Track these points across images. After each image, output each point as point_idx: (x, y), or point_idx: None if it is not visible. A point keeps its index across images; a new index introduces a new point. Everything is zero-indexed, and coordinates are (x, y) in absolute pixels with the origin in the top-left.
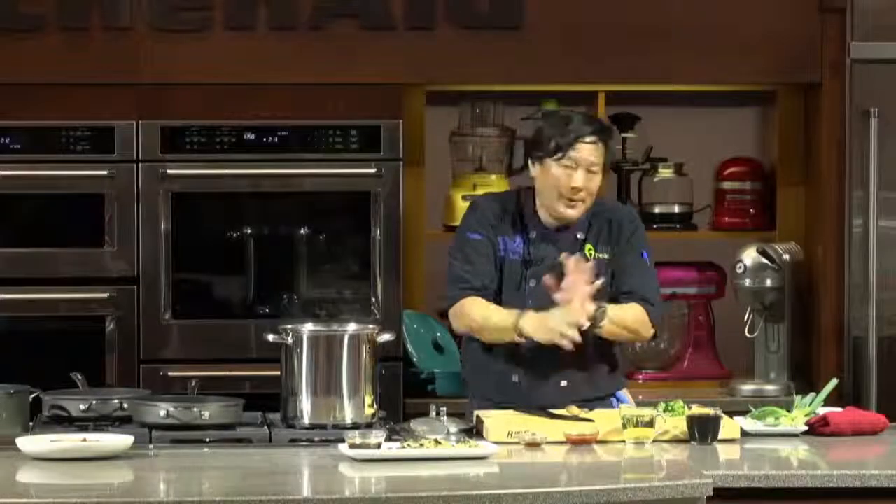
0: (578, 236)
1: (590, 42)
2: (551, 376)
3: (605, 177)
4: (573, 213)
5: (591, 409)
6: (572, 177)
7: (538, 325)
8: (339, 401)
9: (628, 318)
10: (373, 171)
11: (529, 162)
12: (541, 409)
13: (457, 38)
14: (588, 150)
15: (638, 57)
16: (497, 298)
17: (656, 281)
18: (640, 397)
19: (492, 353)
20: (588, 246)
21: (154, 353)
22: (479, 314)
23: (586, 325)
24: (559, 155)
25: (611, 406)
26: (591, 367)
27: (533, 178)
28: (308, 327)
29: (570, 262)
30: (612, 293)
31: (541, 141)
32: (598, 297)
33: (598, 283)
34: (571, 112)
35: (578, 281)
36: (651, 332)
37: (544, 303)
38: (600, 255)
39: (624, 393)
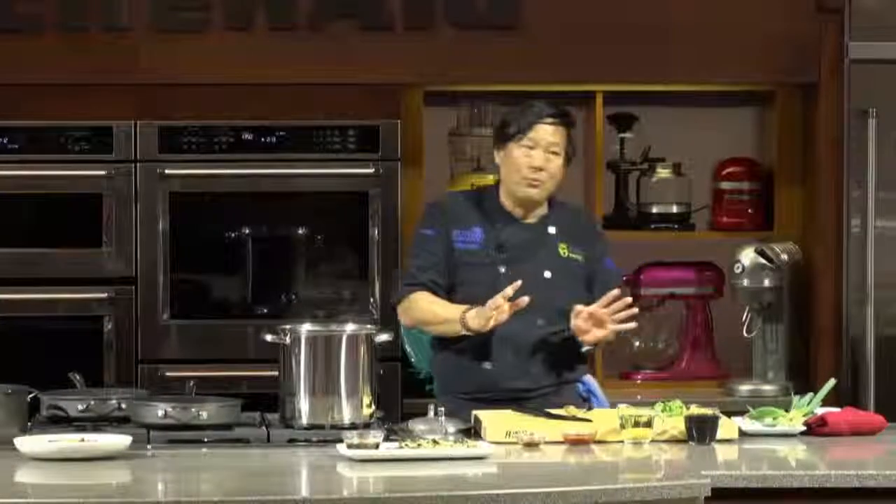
0: (550, 230)
1: (588, 42)
2: (520, 363)
3: (566, 165)
4: (534, 192)
5: (558, 394)
6: (531, 156)
7: (482, 320)
8: (337, 401)
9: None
10: (371, 171)
11: (496, 152)
12: (511, 399)
13: (455, 39)
14: (547, 131)
15: (636, 57)
16: (451, 292)
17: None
18: (639, 397)
19: (464, 345)
20: (562, 245)
21: (152, 353)
22: (428, 308)
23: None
24: (519, 136)
25: (577, 391)
26: (558, 355)
27: (499, 167)
28: (306, 327)
29: (611, 296)
30: (588, 298)
31: (503, 127)
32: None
33: (630, 326)
34: (535, 100)
35: (605, 316)
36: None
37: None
38: (574, 256)
39: (590, 378)
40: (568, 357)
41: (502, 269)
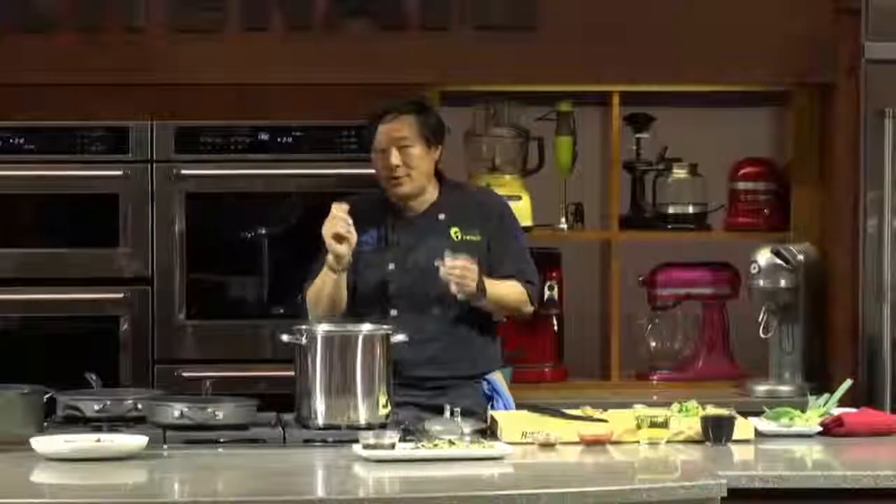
0: (440, 218)
1: (604, 42)
2: (419, 352)
3: (432, 148)
4: (400, 190)
5: (461, 390)
6: (386, 159)
7: (330, 252)
8: (353, 401)
9: (510, 296)
10: None
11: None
12: (413, 386)
13: (472, 39)
14: (390, 129)
15: (652, 57)
16: (360, 290)
17: (532, 261)
18: (655, 398)
19: None
20: (454, 229)
21: (168, 353)
22: (311, 291)
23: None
24: (372, 145)
25: (482, 389)
26: (460, 342)
27: None
28: (322, 328)
29: (444, 263)
30: (489, 274)
31: (365, 143)
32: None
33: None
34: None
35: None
36: (530, 309)
37: (405, 283)
38: (470, 238)
39: (497, 377)
40: (471, 345)
41: (391, 266)
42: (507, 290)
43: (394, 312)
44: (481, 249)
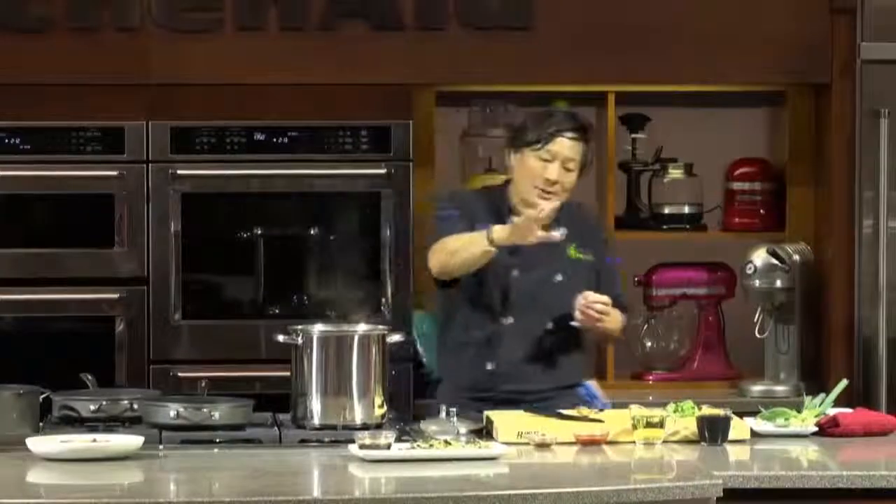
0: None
1: (600, 42)
2: (525, 365)
3: (580, 177)
4: (547, 204)
5: (559, 399)
6: (548, 169)
7: (509, 231)
8: (349, 401)
9: (612, 325)
10: (382, 171)
11: (510, 152)
12: (511, 401)
13: (467, 39)
14: (567, 146)
15: (648, 57)
16: (477, 290)
17: None
18: (651, 398)
19: (467, 344)
20: (571, 247)
21: (164, 353)
22: (454, 239)
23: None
24: (538, 146)
25: (579, 395)
26: (562, 354)
27: (511, 168)
28: (318, 328)
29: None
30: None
31: (523, 131)
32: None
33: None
34: (557, 108)
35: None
36: (619, 336)
37: (526, 292)
38: (583, 257)
39: (592, 383)
40: (570, 358)
41: (515, 273)
42: (613, 322)
43: (510, 320)
44: (593, 270)
